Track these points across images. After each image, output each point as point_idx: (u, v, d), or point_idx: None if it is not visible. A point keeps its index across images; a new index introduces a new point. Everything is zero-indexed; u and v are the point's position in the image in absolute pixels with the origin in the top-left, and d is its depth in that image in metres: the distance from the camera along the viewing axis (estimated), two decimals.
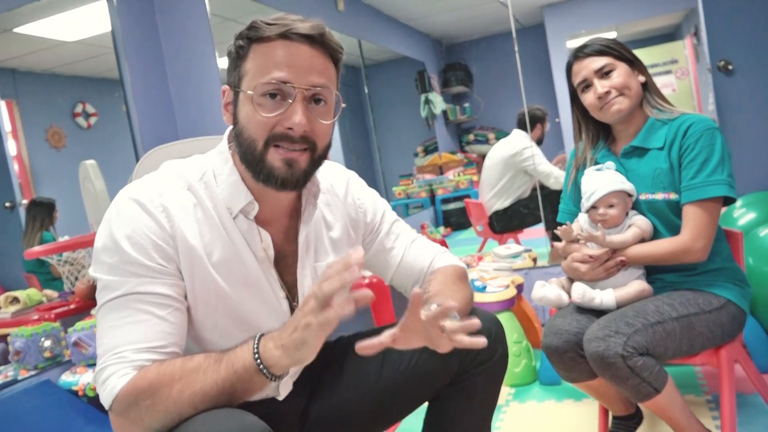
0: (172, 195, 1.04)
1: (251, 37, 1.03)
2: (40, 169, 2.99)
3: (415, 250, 1.31)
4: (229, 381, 0.92)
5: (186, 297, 1.03)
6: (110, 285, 0.98)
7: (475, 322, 0.96)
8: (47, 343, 2.27)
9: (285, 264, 1.14)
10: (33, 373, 2.25)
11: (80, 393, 2.12)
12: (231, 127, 1.10)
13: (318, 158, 1.07)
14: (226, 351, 0.95)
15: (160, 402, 0.91)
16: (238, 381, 0.92)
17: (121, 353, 0.94)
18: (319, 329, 0.87)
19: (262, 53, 1.02)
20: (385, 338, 0.91)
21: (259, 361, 0.92)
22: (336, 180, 1.27)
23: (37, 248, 2.53)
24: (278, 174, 1.02)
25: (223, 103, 1.09)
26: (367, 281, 2.39)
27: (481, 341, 0.93)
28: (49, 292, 2.73)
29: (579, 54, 1.64)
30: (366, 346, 0.90)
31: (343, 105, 1.09)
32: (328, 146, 1.09)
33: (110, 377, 0.93)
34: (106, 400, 0.94)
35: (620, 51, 1.62)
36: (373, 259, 1.33)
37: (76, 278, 2.67)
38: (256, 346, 0.93)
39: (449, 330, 0.94)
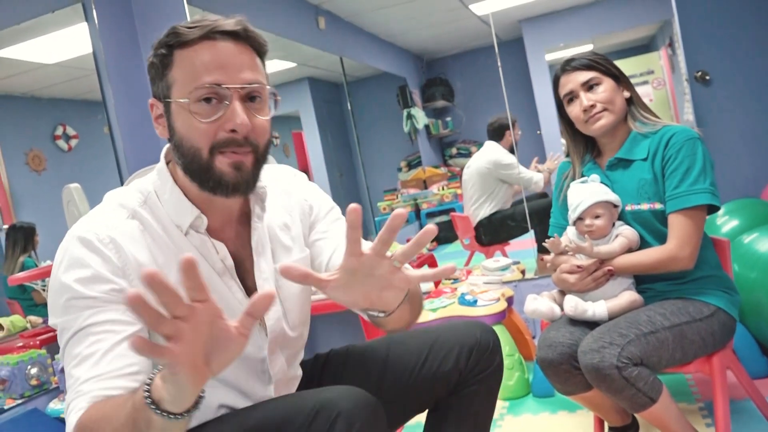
0: (117, 226, 1.01)
1: (172, 44, 0.99)
2: (20, 193, 2.95)
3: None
4: (132, 418, 0.78)
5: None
6: (66, 326, 0.95)
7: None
8: (34, 371, 2.24)
9: (244, 269, 1.12)
10: (19, 401, 2.20)
11: None
12: (167, 144, 1.06)
13: (261, 157, 1.04)
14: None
15: None
16: (140, 419, 0.76)
17: (78, 387, 0.90)
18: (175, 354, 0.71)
19: (188, 58, 0.98)
20: (315, 274, 0.81)
21: (147, 394, 0.75)
22: (286, 180, 1.25)
23: (21, 274, 2.50)
24: (228, 179, 0.99)
25: (153, 117, 1.06)
26: None
27: (450, 267, 0.84)
28: (33, 318, 2.68)
29: (567, 67, 1.68)
30: (289, 269, 0.79)
31: (278, 98, 1.05)
32: (269, 144, 1.06)
33: (70, 414, 0.89)
34: None
35: (607, 66, 1.65)
36: (312, 248, 1.25)
37: None
38: (150, 377, 0.77)
39: (397, 257, 0.84)
